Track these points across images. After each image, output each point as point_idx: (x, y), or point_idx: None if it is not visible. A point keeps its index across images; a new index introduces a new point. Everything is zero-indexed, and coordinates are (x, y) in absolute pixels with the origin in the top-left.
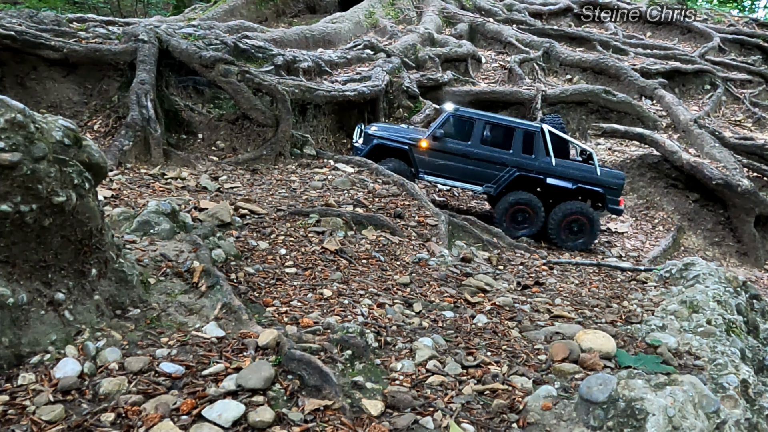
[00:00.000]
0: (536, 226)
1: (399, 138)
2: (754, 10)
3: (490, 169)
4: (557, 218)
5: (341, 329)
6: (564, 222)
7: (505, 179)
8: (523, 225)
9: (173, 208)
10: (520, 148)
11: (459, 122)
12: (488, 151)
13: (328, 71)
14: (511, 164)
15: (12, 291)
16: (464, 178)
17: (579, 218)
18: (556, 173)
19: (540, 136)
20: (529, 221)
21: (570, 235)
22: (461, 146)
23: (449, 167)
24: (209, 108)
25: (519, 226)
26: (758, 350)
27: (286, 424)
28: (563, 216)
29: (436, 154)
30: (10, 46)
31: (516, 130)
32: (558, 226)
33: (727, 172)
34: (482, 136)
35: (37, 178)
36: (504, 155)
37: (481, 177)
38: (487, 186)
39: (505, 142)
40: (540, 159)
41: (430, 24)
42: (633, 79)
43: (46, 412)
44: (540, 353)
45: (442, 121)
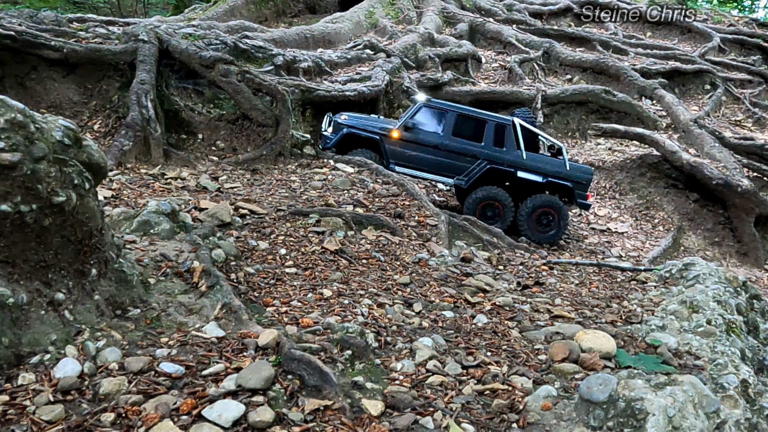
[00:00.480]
0: (506, 222)
1: (370, 128)
2: (754, 10)
3: (460, 161)
4: (527, 211)
5: (341, 329)
6: (533, 215)
7: (476, 172)
8: (493, 220)
9: (173, 208)
10: (492, 141)
11: (431, 113)
12: (459, 143)
13: (328, 71)
14: (482, 157)
15: (12, 291)
16: (435, 170)
17: (548, 211)
18: (527, 167)
19: (511, 129)
20: (499, 216)
21: (540, 228)
22: (432, 138)
23: (420, 158)
24: (209, 108)
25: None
26: (758, 350)
27: (286, 424)
28: (533, 209)
29: (408, 145)
30: (10, 46)
31: (487, 123)
32: (527, 219)
33: (727, 172)
34: (454, 127)
35: (37, 178)
36: (475, 148)
37: (452, 169)
38: (457, 178)
39: (477, 134)
40: (511, 152)
41: (430, 24)
42: (633, 79)
43: (46, 412)
44: (540, 353)
45: (413, 111)
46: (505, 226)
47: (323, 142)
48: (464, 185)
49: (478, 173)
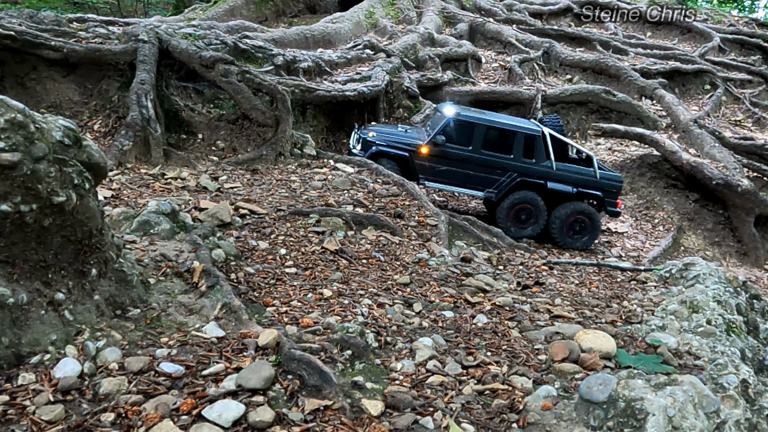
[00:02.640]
0: (540, 225)
1: (399, 144)
2: (754, 10)
3: (490, 174)
4: (560, 219)
5: (341, 329)
6: (567, 222)
7: (507, 184)
8: (526, 224)
9: (173, 208)
10: (521, 153)
11: (459, 127)
12: (489, 156)
13: (328, 71)
14: (512, 169)
15: (12, 291)
16: (465, 183)
17: (581, 218)
18: (557, 177)
19: (541, 139)
20: (533, 220)
21: (573, 235)
22: (462, 151)
23: (450, 173)
24: (209, 108)
25: (523, 226)
26: (758, 350)
27: (286, 424)
28: (565, 217)
29: (437, 159)
30: (10, 46)
31: (517, 135)
32: (560, 227)
33: (727, 172)
34: (483, 140)
35: (37, 178)
36: (505, 160)
37: (482, 182)
38: (488, 191)
39: (506, 146)
40: (540, 163)
41: (430, 24)
42: (633, 79)
43: (46, 412)
44: (540, 353)
45: (442, 126)
46: (538, 230)
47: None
48: (495, 198)
49: (509, 186)
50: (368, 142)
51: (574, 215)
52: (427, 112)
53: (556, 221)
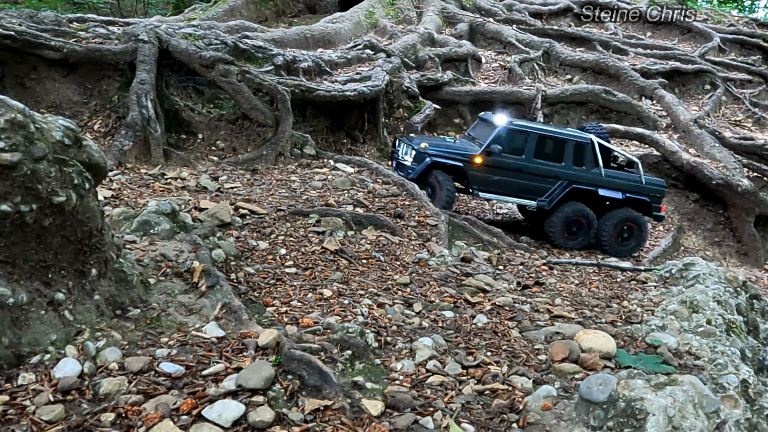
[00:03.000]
0: (590, 237)
1: (453, 154)
2: (754, 10)
3: (542, 182)
4: (610, 226)
5: (341, 329)
6: (616, 230)
7: (559, 193)
8: (577, 236)
9: (173, 208)
10: (572, 160)
11: (512, 136)
12: (541, 164)
13: (328, 71)
14: (564, 177)
15: (12, 291)
16: (517, 193)
17: (630, 225)
18: (606, 184)
19: (590, 147)
20: (584, 231)
21: (621, 242)
22: (515, 161)
23: (503, 182)
24: (209, 108)
25: (573, 237)
26: (758, 350)
27: (286, 424)
28: (615, 224)
29: (490, 169)
30: (10, 46)
31: (567, 142)
32: (609, 234)
33: (727, 172)
34: (535, 149)
35: (37, 178)
36: (556, 168)
37: (534, 191)
38: (540, 200)
39: (557, 154)
40: (590, 170)
41: (430, 24)
42: (633, 79)
43: (46, 412)
44: (540, 353)
45: (495, 135)
46: (588, 241)
47: (403, 171)
48: (547, 207)
49: (561, 194)
50: (422, 153)
51: (623, 222)
52: (427, 111)
53: (606, 229)
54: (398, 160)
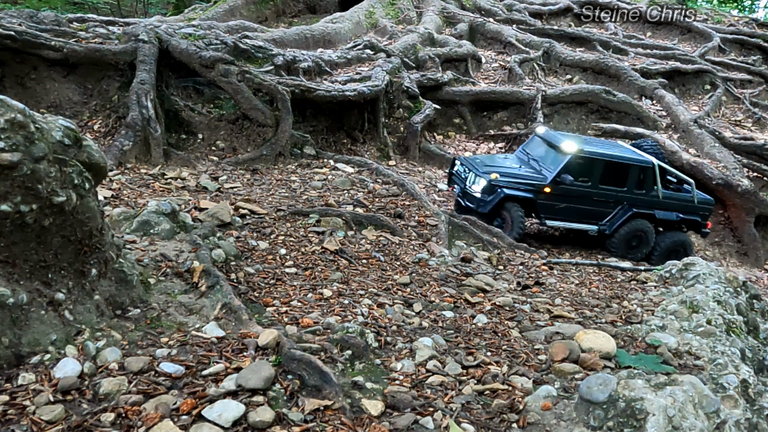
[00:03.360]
0: (645, 251)
1: (523, 185)
2: (754, 10)
3: (604, 207)
4: (663, 248)
5: (341, 329)
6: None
7: (620, 217)
8: (636, 249)
9: (173, 208)
10: (634, 185)
11: (579, 163)
12: (606, 190)
13: (328, 71)
14: (625, 201)
15: (12, 291)
16: (581, 218)
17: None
18: (664, 206)
19: (652, 170)
20: (644, 245)
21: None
22: (581, 188)
23: (569, 210)
24: (209, 108)
25: (634, 251)
26: (758, 350)
27: (286, 424)
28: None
29: (557, 197)
30: (10, 46)
31: (632, 167)
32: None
33: (727, 172)
34: (602, 175)
35: (37, 178)
36: (619, 193)
37: (596, 216)
38: (601, 225)
39: (621, 179)
40: (649, 193)
41: (430, 24)
42: (633, 79)
43: (46, 412)
44: (540, 353)
45: (564, 164)
46: (642, 254)
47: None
48: (608, 231)
49: (622, 218)
50: (494, 185)
51: (675, 245)
52: (427, 111)
53: (658, 249)
54: (463, 187)
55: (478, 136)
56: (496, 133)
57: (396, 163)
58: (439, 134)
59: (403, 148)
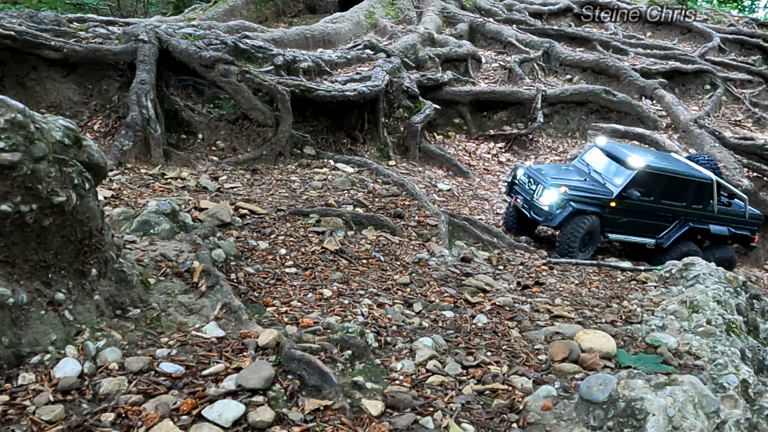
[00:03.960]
0: None
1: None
2: (754, 10)
3: (662, 221)
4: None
5: (341, 329)
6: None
7: (676, 232)
8: None
9: (173, 208)
10: (693, 199)
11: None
12: (666, 204)
13: (328, 71)
14: (683, 216)
15: (12, 291)
16: (640, 232)
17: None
18: (718, 220)
19: (710, 186)
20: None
21: None
22: (644, 202)
23: (630, 223)
24: (209, 108)
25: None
26: (758, 350)
27: (286, 424)
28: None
29: (621, 212)
30: (10, 46)
31: (691, 183)
32: None
33: (727, 172)
34: (664, 190)
35: (37, 178)
36: (678, 208)
37: (653, 229)
38: (658, 239)
39: (681, 194)
40: (706, 208)
41: (430, 24)
42: (633, 79)
43: (46, 412)
44: (540, 353)
45: (630, 178)
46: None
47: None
48: (665, 245)
49: (678, 233)
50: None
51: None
52: (427, 111)
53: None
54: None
55: (478, 136)
56: (496, 133)
57: (396, 163)
58: (439, 134)
59: (403, 148)
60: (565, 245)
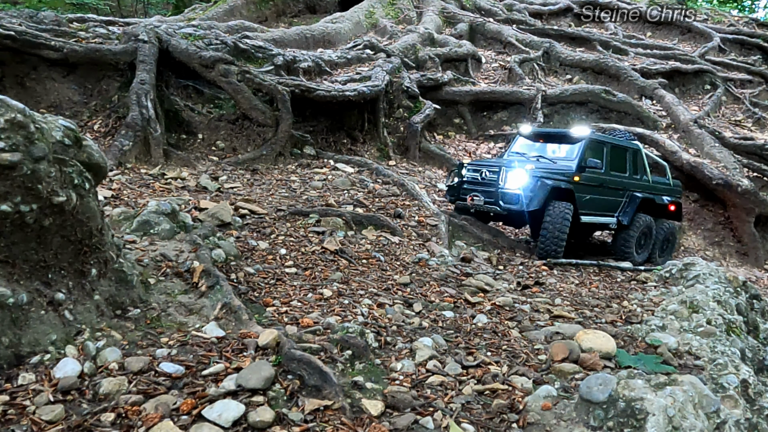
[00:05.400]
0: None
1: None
2: (754, 10)
3: (613, 196)
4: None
5: (341, 329)
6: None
7: (632, 205)
8: (644, 248)
9: (173, 208)
10: (632, 170)
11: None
12: (615, 176)
13: (328, 71)
14: (628, 188)
15: (12, 291)
16: (601, 210)
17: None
18: (658, 191)
19: (641, 154)
20: (649, 242)
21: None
22: (599, 176)
23: (592, 201)
24: (209, 108)
25: (642, 250)
26: (758, 350)
27: (286, 424)
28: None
29: (584, 188)
30: (10, 46)
31: (628, 151)
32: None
33: (727, 172)
34: (611, 161)
35: (37, 178)
36: (623, 179)
37: (609, 206)
38: (619, 216)
39: (623, 164)
40: (643, 178)
41: (430, 24)
42: (633, 79)
43: (46, 412)
44: (540, 353)
45: (584, 148)
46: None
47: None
48: (627, 222)
49: (635, 206)
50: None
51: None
52: (427, 111)
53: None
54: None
55: (478, 136)
56: (496, 133)
57: (396, 163)
58: (439, 134)
59: (403, 148)
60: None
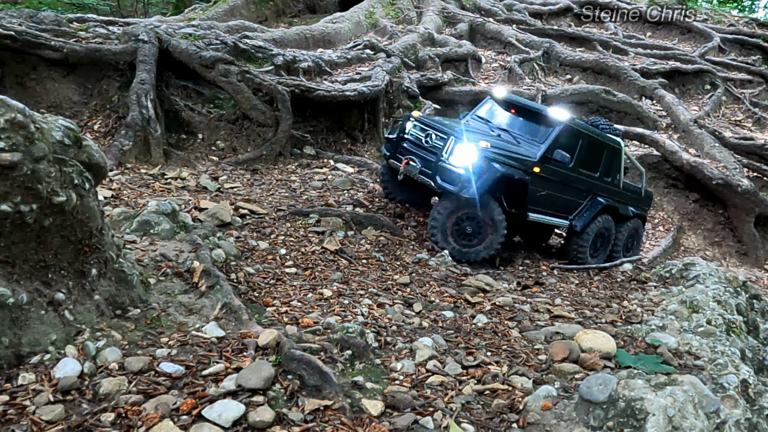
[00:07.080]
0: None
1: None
2: (754, 10)
3: (574, 196)
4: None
5: (341, 329)
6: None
7: (587, 210)
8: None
9: (173, 208)
10: (606, 170)
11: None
12: (581, 175)
13: (328, 71)
14: (595, 190)
15: (12, 291)
16: (555, 211)
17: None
18: (624, 200)
19: (621, 154)
20: (606, 245)
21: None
22: (564, 170)
23: (547, 199)
24: (209, 108)
25: (597, 253)
26: (758, 350)
27: (286, 424)
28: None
29: (541, 182)
30: (10, 46)
31: (606, 148)
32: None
33: (727, 172)
34: (583, 156)
35: (37, 178)
36: (591, 180)
37: (565, 207)
38: (572, 220)
39: (595, 162)
40: (614, 182)
41: (430, 24)
42: (633, 79)
43: (46, 412)
44: (540, 353)
45: (555, 135)
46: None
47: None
48: (579, 228)
49: (593, 213)
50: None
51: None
52: (427, 111)
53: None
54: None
55: None
56: None
57: None
58: None
59: None
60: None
